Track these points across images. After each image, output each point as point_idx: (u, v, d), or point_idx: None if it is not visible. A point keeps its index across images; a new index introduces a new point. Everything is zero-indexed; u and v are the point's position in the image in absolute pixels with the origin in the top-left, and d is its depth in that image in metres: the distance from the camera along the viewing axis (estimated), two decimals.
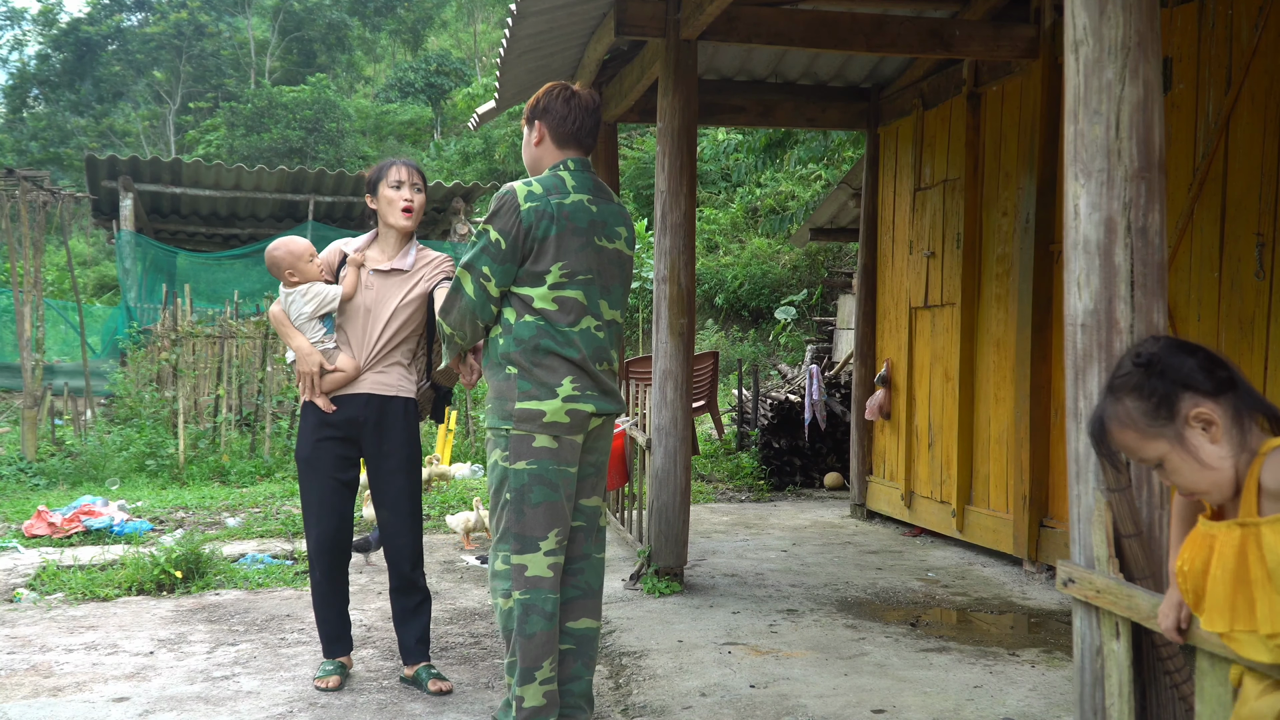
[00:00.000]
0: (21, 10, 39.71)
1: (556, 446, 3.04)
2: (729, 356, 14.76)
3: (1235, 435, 1.69)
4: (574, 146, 3.17)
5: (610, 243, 3.14)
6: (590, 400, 3.07)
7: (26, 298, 10.26)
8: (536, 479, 3.03)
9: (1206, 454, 1.70)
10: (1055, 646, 4.22)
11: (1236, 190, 4.36)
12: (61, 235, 18.57)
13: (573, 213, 3.05)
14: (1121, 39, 2.23)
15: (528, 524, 3.03)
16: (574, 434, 3.07)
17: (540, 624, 3.02)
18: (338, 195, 15.02)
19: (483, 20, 34.81)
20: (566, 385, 3.03)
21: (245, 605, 4.91)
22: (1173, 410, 1.70)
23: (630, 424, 5.71)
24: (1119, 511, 2.20)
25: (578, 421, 3.06)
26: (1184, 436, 1.70)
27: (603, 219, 3.12)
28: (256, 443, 9.67)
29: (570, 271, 3.04)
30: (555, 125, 3.15)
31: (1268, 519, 1.63)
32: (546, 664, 3.05)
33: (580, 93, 3.19)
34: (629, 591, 5.08)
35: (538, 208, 3.01)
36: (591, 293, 3.09)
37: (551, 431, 3.03)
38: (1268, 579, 1.63)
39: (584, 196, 3.09)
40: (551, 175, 3.11)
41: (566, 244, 3.02)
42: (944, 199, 6.31)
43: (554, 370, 3.04)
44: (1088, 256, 2.27)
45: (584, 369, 3.07)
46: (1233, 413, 1.69)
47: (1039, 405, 5.39)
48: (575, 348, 3.05)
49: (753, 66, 6.80)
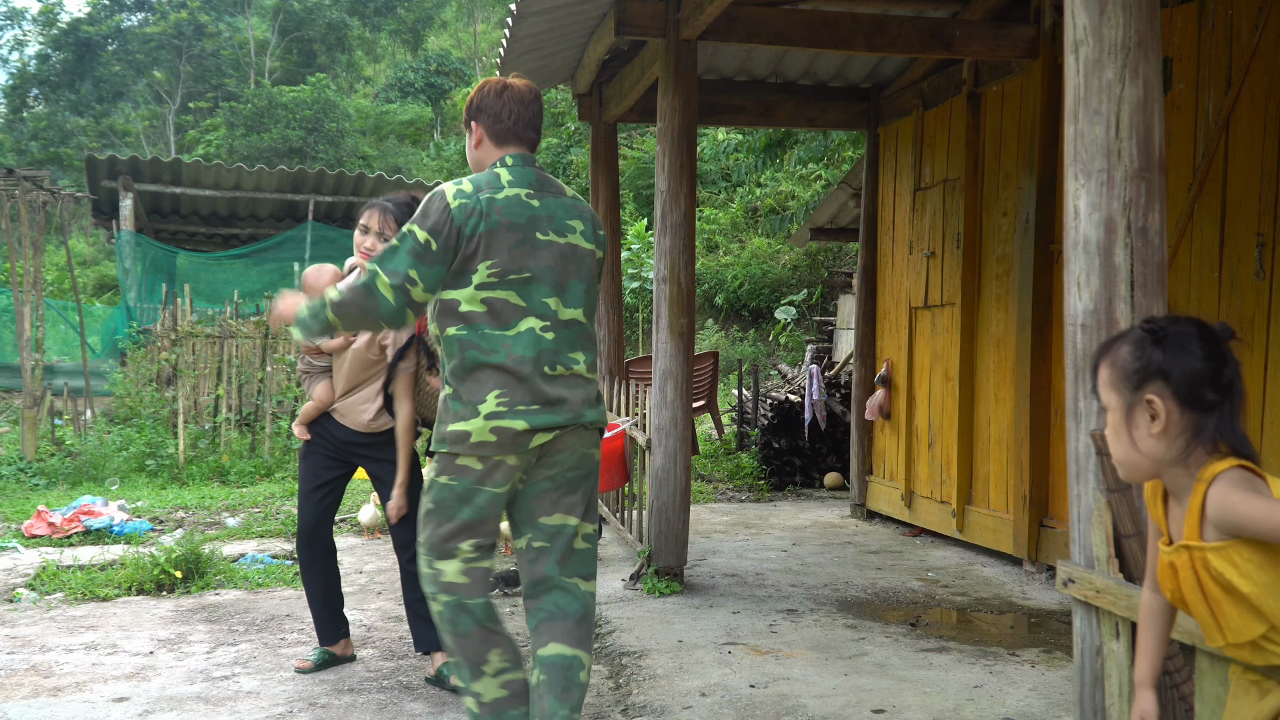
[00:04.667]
0: (21, 10, 39.71)
1: (481, 468, 2.81)
2: (729, 356, 14.76)
3: (1179, 444, 1.73)
4: (514, 143, 2.97)
5: (561, 237, 2.89)
6: (522, 416, 2.78)
7: (26, 298, 10.26)
8: (456, 495, 2.83)
9: (1139, 435, 1.75)
10: (1055, 646, 4.22)
11: (1236, 190, 4.36)
12: (61, 235, 18.57)
13: (506, 207, 2.82)
14: (1121, 39, 2.23)
15: (444, 532, 2.85)
16: (503, 454, 2.80)
17: (469, 624, 2.84)
18: (338, 195, 15.02)
19: (483, 20, 34.80)
20: (490, 401, 2.78)
21: (245, 605, 4.91)
22: (1139, 383, 1.75)
23: (630, 424, 5.71)
24: (1119, 511, 2.20)
25: (506, 441, 2.78)
26: (1133, 409, 1.76)
27: (548, 213, 2.89)
28: (256, 443, 9.67)
29: (500, 271, 2.80)
30: (490, 124, 2.96)
31: (1210, 545, 1.67)
32: (494, 655, 2.85)
33: (514, 84, 3.00)
34: (629, 591, 5.08)
35: (467, 204, 2.80)
36: (532, 292, 2.83)
37: (477, 453, 2.79)
38: (1224, 595, 1.68)
39: (521, 190, 2.87)
40: (486, 173, 2.92)
41: (498, 241, 2.80)
42: (944, 199, 6.31)
43: (480, 384, 2.80)
44: (1088, 256, 2.27)
45: (518, 376, 2.80)
46: (1192, 427, 1.71)
47: (1039, 405, 5.39)
48: (505, 353, 2.79)
49: (753, 66, 6.80)
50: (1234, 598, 1.67)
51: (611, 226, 7.09)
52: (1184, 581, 1.73)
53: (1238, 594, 1.66)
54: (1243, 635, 1.68)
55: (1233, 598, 1.67)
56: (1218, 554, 1.66)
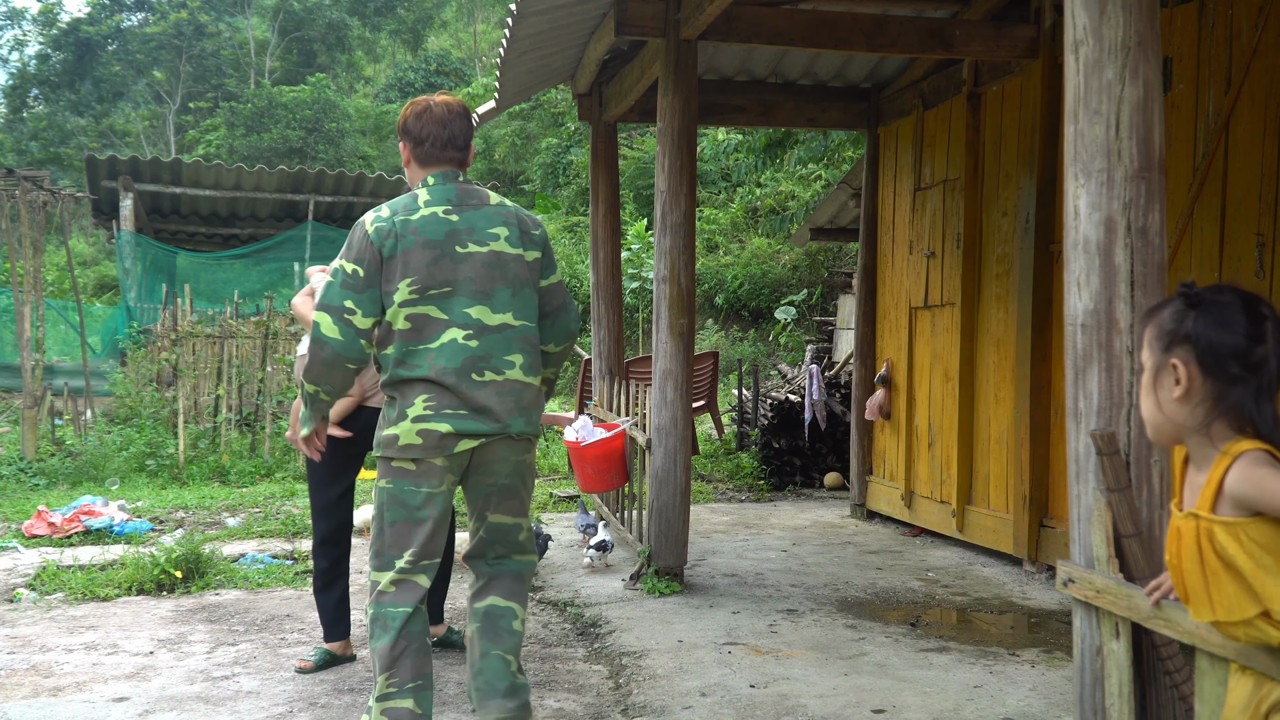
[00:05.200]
0: (21, 10, 39.71)
1: (414, 468, 2.95)
2: (729, 356, 14.76)
3: (1200, 412, 1.73)
4: (436, 163, 3.06)
5: (483, 246, 2.99)
6: (446, 420, 2.91)
7: (26, 298, 10.26)
8: (392, 499, 2.97)
9: (1164, 397, 1.77)
10: (1055, 646, 4.22)
11: (1236, 190, 4.36)
12: (61, 235, 18.57)
13: (421, 226, 2.94)
14: (1121, 39, 2.24)
15: (385, 542, 2.99)
16: (432, 456, 2.93)
17: (383, 638, 2.94)
18: (338, 195, 15.02)
19: (483, 20, 34.80)
20: (417, 405, 2.92)
21: (245, 605, 4.91)
22: (1168, 345, 1.76)
23: (630, 424, 5.71)
24: (1119, 511, 2.20)
25: (431, 443, 2.91)
26: (1160, 370, 1.78)
27: (467, 225, 2.99)
28: (256, 443, 9.67)
29: (421, 287, 2.92)
30: (412, 147, 3.08)
31: (1220, 519, 1.68)
32: (381, 680, 2.95)
33: (434, 105, 3.08)
34: (629, 591, 5.08)
35: (383, 228, 2.93)
36: (453, 304, 2.94)
37: (406, 455, 2.93)
38: (1223, 570, 1.68)
39: (438, 208, 2.98)
40: (406, 196, 3.04)
41: (415, 259, 2.92)
42: (944, 199, 6.31)
43: (407, 392, 2.94)
44: (1088, 256, 2.27)
45: (443, 386, 2.91)
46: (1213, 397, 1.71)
47: (1039, 405, 5.39)
48: (428, 366, 2.91)
49: (753, 66, 6.80)
50: (1232, 574, 1.67)
51: (611, 226, 7.10)
52: (1185, 549, 1.74)
53: (1236, 571, 1.66)
54: (1233, 614, 1.69)
55: (1230, 574, 1.67)
56: (1226, 529, 1.66)
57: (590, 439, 5.58)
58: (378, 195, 15.16)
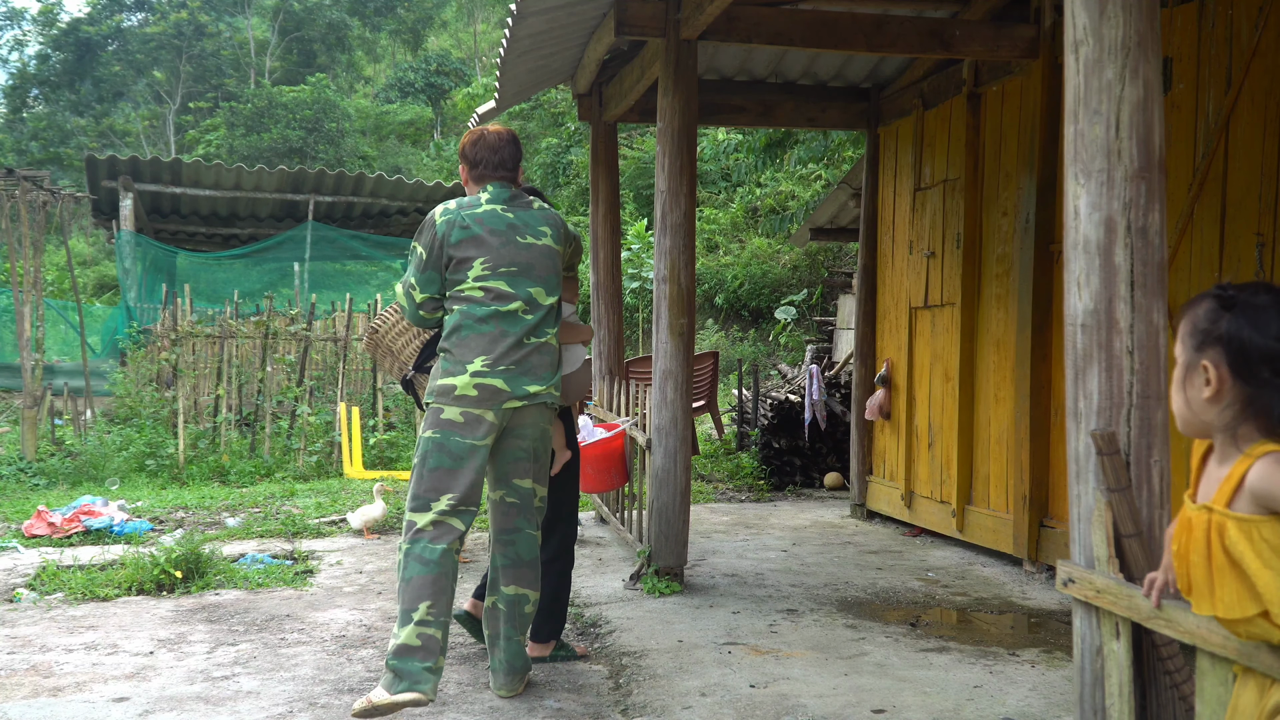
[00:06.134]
0: (21, 10, 39.70)
1: (462, 421, 3.40)
2: (729, 356, 14.76)
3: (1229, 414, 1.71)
4: (491, 179, 3.64)
5: (538, 240, 3.56)
6: (501, 376, 3.41)
7: (26, 298, 10.25)
8: (437, 446, 3.41)
9: (1193, 395, 1.77)
10: (1055, 646, 4.22)
11: (1236, 190, 4.36)
12: (61, 235, 18.57)
13: (485, 218, 3.52)
14: (1121, 39, 2.23)
15: (424, 485, 3.41)
16: (481, 408, 3.40)
17: (416, 569, 3.34)
18: (338, 195, 15.01)
19: (483, 20, 34.80)
20: (477, 363, 3.41)
21: (245, 605, 4.91)
22: (1200, 344, 1.75)
23: (630, 424, 5.71)
24: (1119, 511, 2.20)
25: (485, 395, 3.40)
26: (1191, 368, 1.77)
27: (522, 221, 3.56)
28: (256, 443, 9.67)
29: (493, 264, 3.47)
30: (470, 168, 3.68)
31: (1236, 515, 1.67)
32: (423, 606, 3.30)
33: (487, 134, 3.66)
34: (629, 591, 5.08)
35: (450, 219, 3.50)
36: (518, 281, 3.49)
37: (460, 405, 3.40)
38: (1229, 566, 1.68)
39: (497, 206, 3.56)
40: (466, 198, 3.63)
41: (487, 242, 3.48)
42: (944, 199, 6.31)
43: (469, 348, 3.43)
44: (1088, 256, 2.27)
45: (502, 343, 3.43)
46: (1243, 399, 1.70)
47: (1039, 405, 5.39)
48: (493, 324, 3.44)
49: (753, 66, 6.80)
50: (1237, 572, 1.66)
51: (611, 226, 7.10)
52: (1194, 541, 1.73)
53: (1241, 570, 1.65)
54: (1233, 611, 1.69)
55: (1236, 571, 1.66)
56: (1240, 525, 1.65)
57: (590, 439, 5.57)
58: (378, 195, 15.17)
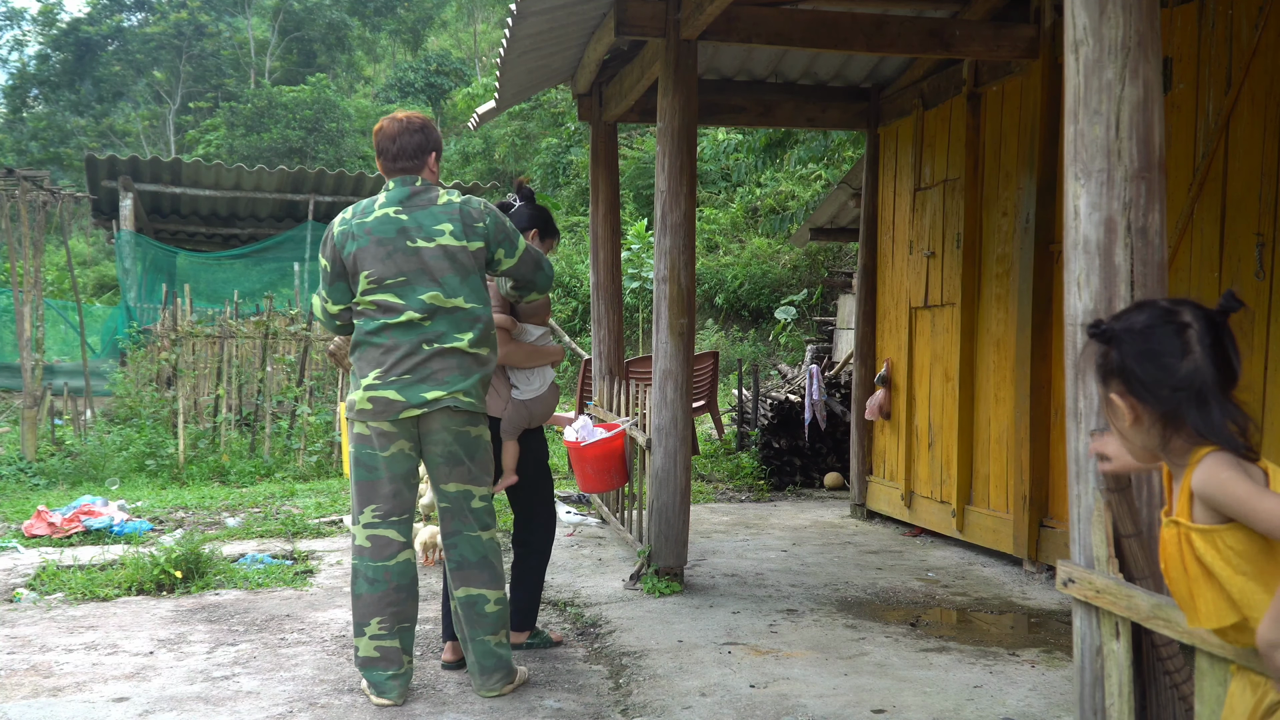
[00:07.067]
0: (21, 10, 39.69)
1: (368, 433, 3.44)
2: (729, 356, 14.76)
3: (1154, 434, 1.73)
4: (392, 173, 3.54)
5: (430, 241, 3.43)
6: (392, 388, 3.39)
7: (26, 298, 10.25)
8: (355, 460, 3.49)
9: (1120, 427, 1.80)
10: (1055, 646, 4.22)
11: (1236, 190, 4.36)
12: (61, 235, 18.57)
13: (374, 226, 3.45)
14: (1121, 39, 2.23)
15: (353, 500, 3.51)
16: (379, 420, 3.41)
17: (363, 586, 3.46)
18: (338, 195, 15.01)
19: (483, 20, 34.78)
20: (370, 376, 3.42)
21: (245, 605, 4.91)
22: (1103, 379, 1.79)
23: (630, 424, 5.71)
24: (1119, 511, 2.21)
25: (380, 408, 3.40)
26: (1107, 404, 1.81)
27: (415, 223, 3.45)
28: (256, 443, 9.66)
29: (378, 277, 3.42)
30: (378, 159, 3.59)
31: (1198, 527, 1.68)
32: (374, 622, 3.44)
33: (386, 123, 3.56)
34: (629, 591, 5.08)
35: (345, 230, 3.48)
36: (407, 291, 3.41)
37: (361, 418, 3.44)
38: (1204, 576, 1.68)
39: (390, 209, 3.46)
40: (366, 200, 3.55)
41: (370, 254, 3.42)
42: (944, 199, 6.31)
43: (365, 361, 3.45)
44: (1088, 256, 2.27)
45: (394, 354, 3.40)
46: (1161, 419, 1.71)
47: (1039, 405, 5.39)
48: (385, 335, 3.42)
49: (753, 66, 6.80)
50: (1211, 581, 1.67)
51: (611, 226, 7.10)
52: (1170, 556, 1.74)
53: (1215, 579, 1.66)
54: (1212, 620, 1.69)
55: (1210, 581, 1.67)
56: (1203, 536, 1.66)
57: (590, 439, 5.57)
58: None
